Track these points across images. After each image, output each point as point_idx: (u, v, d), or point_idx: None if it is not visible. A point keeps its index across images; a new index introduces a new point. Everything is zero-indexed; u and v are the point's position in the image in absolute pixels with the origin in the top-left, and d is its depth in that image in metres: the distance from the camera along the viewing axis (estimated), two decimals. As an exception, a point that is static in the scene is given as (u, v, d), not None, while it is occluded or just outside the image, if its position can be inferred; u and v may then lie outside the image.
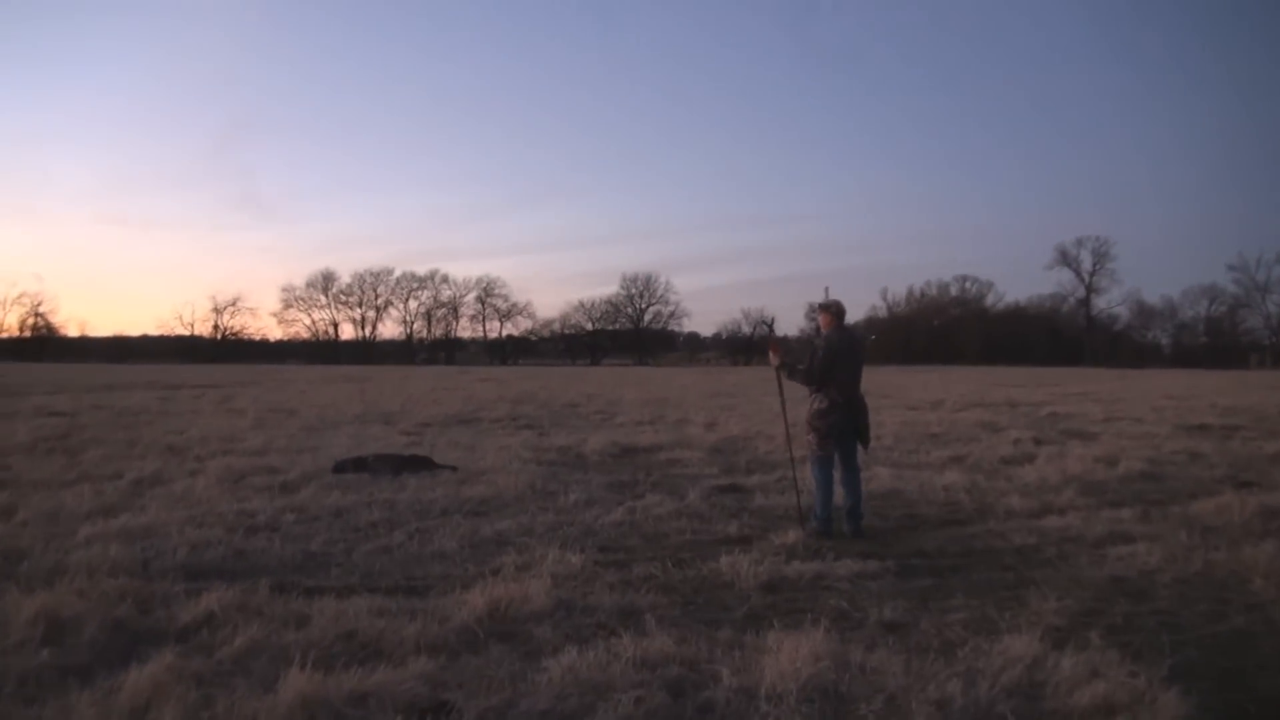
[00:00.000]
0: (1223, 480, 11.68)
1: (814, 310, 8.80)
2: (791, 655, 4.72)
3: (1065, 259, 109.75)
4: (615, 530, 8.44)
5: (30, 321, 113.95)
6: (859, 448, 8.68)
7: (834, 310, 8.69)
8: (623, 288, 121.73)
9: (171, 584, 6.29)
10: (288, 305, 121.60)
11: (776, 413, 22.98)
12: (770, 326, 10.63)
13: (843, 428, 8.48)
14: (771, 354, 8.93)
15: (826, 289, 8.98)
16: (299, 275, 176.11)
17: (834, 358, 8.41)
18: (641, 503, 9.60)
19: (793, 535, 7.97)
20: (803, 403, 8.75)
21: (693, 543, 8.00)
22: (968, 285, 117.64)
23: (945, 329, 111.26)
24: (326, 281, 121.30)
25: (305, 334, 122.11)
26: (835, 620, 5.71)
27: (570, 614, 5.65)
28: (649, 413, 23.07)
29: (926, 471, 12.17)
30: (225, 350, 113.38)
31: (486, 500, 9.72)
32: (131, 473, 11.35)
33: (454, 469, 11.75)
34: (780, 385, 9.09)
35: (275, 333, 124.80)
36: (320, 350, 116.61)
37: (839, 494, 8.59)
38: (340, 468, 11.59)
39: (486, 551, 7.52)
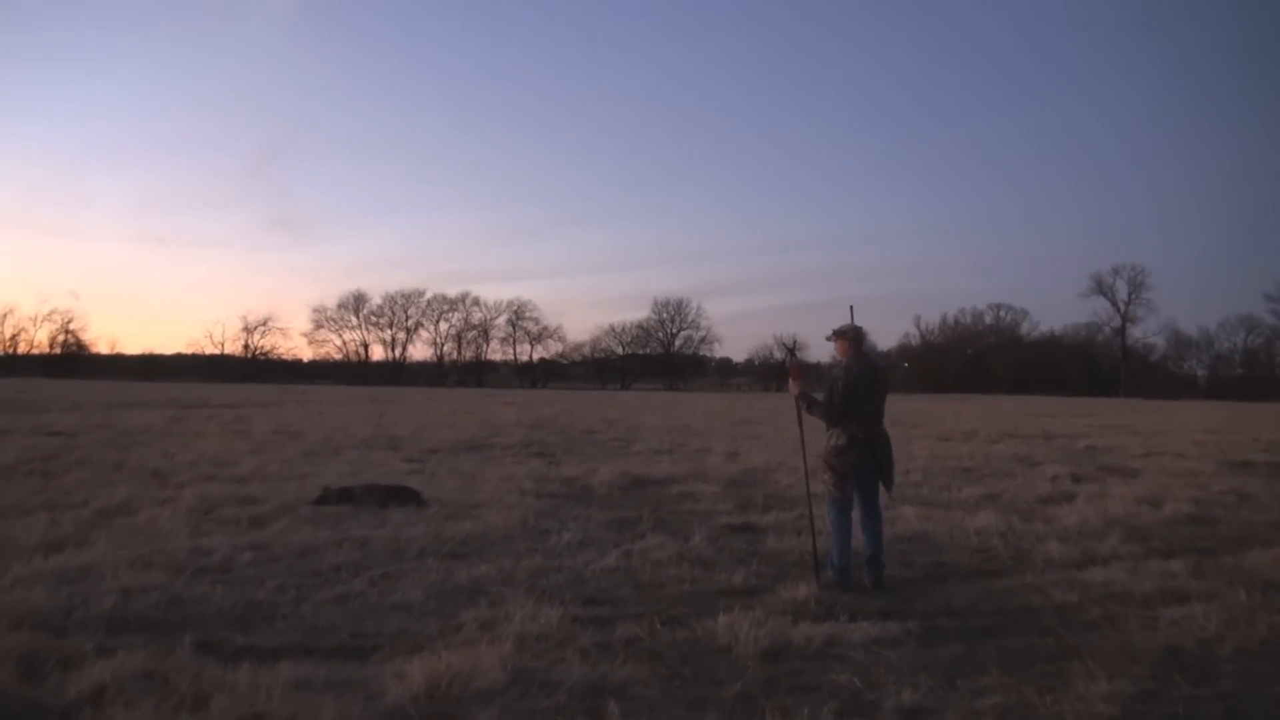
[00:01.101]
0: (1276, 525, 10.72)
1: (831, 337, 7.88)
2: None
3: (1101, 288, 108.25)
4: (606, 578, 7.54)
5: (61, 339, 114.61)
6: (880, 489, 7.78)
7: (851, 336, 7.80)
8: (654, 312, 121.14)
9: (85, 640, 5.48)
10: (319, 326, 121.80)
11: (799, 442, 22.04)
12: (793, 351, 9.96)
13: (863, 466, 7.57)
14: (791, 381, 8.06)
15: (851, 309, 8.09)
16: (332, 296, 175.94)
17: (853, 389, 7.52)
18: (641, 544, 8.71)
19: (804, 589, 7.02)
20: (822, 435, 7.85)
21: (691, 594, 7.10)
22: (1002, 314, 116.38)
23: (979, 357, 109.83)
24: (358, 302, 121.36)
25: (336, 355, 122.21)
26: (845, 704, 4.80)
27: (526, 692, 4.73)
28: (669, 441, 22.18)
29: (957, 512, 11.22)
30: (256, 370, 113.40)
31: (470, 540, 8.86)
32: (100, 500, 10.60)
33: (441, 502, 10.93)
34: (800, 415, 8.17)
35: (306, 353, 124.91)
36: (350, 371, 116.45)
37: (858, 538, 7.68)
38: (324, 499, 10.79)
39: (455, 603, 6.64)
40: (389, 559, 7.98)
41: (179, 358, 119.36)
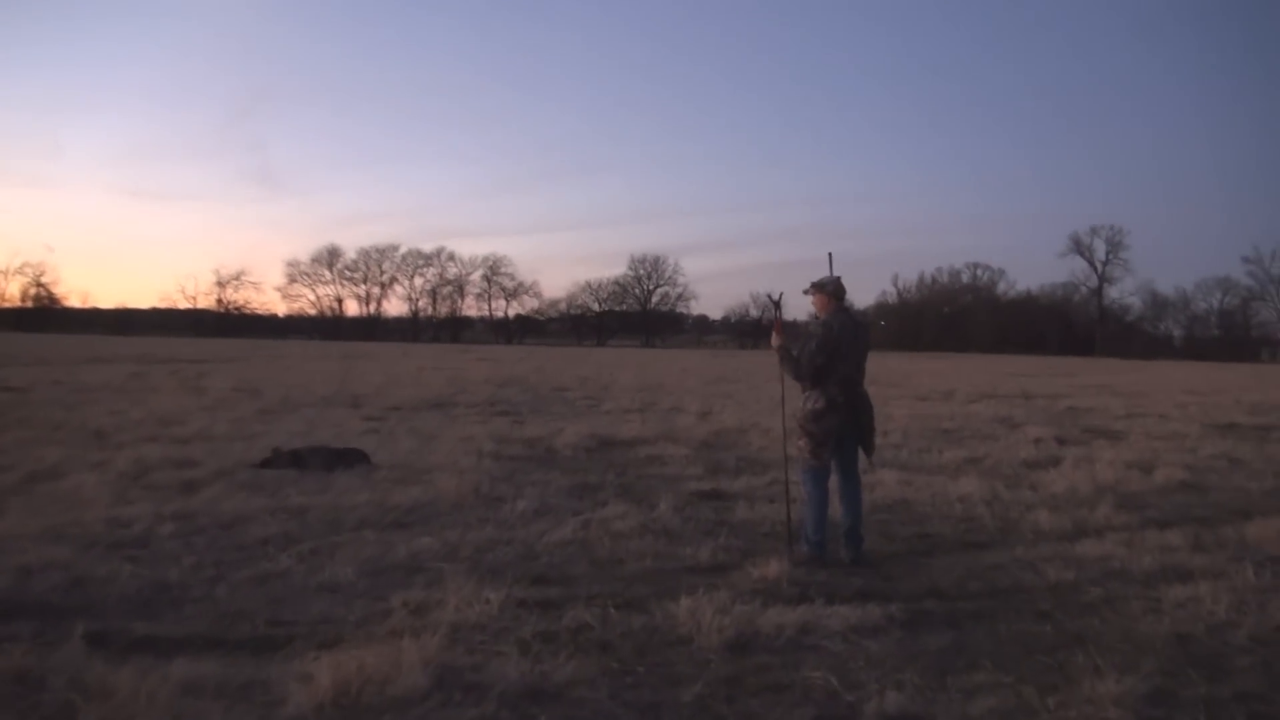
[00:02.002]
0: (1273, 493, 10.25)
1: (809, 290, 7.20)
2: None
3: (1079, 247, 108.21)
4: (560, 552, 6.88)
5: (33, 292, 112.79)
6: (860, 455, 7.16)
7: (831, 289, 7.13)
8: (631, 268, 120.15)
9: (-39, 629, 4.81)
10: (292, 280, 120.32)
11: (777, 401, 21.40)
12: (777, 303, 9.30)
13: (842, 432, 6.95)
14: (774, 334, 7.40)
15: (830, 257, 7.39)
16: (308, 251, 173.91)
17: (833, 347, 6.88)
18: (602, 513, 8.07)
19: (776, 566, 6.34)
20: (799, 396, 7.21)
21: (652, 572, 6.45)
22: (979, 273, 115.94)
23: (955, 317, 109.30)
24: (331, 257, 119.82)
25: (310, 310, 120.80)
26: (820, 709, 4.18)
27: (449, 699, 4.04)
28: (641, 400, 21.60)
29: (939, 477, 10.64)
30: (230, 325, 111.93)
31: (416, 508, 8.19)
32: (29, 464, 9.89)
33: (375, 466, 10.28)
34: (781, 370, 7.47)
35: (280, 308, 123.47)
36: (325, 326, 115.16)
37: (835, 508, 7.07)
38: (269, 462, 10.11)
39: (388, 583, 5.97)
40: (325, 530, 7.31)
41: (155, 312, 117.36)
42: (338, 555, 6.53)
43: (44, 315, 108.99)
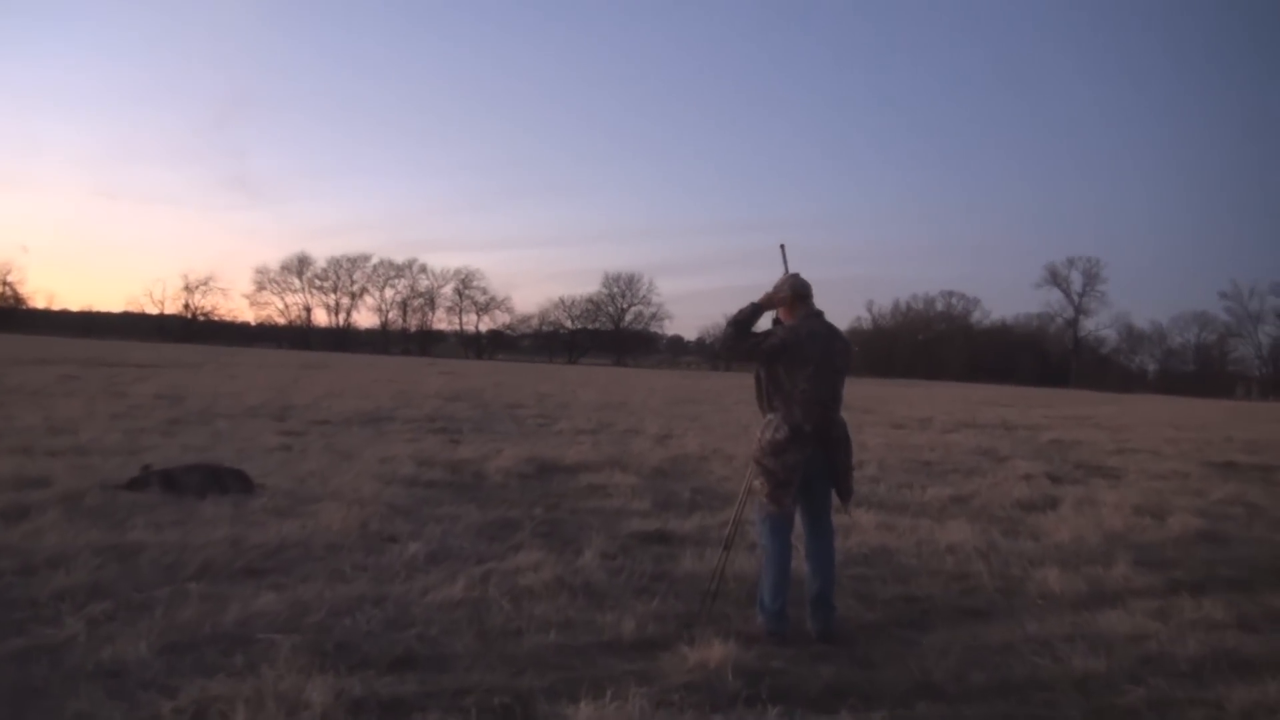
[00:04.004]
0: (1305, 548, 8.75)
1: (763, 302, 5.60)
2: None
3: (1055, 278, 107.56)
4: (441, 618, 5.29)
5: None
6: (834, 502, 5.67)
7: (789, 291, 5.65)
8: (604, 286, 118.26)
9: None
10: (260, 287, 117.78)
11: (744, 425, 20.26)
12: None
13: (810, 470, 5.44)
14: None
15: (782, 249, 5.87)
16: (281, 259, 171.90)
17: (791, 355, 5.43)
18: (512, 561, 6.52)
19: (719, 647, 4.78)
20: (757, 422, 5.72)
21: (555, 650, 4.90)
22: (954, 301, 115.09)
23: (929, 344, 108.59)
24: (301, 265, 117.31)
25: (279, 318, 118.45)
26: None
27: None
28: (598, 419, 20.07)
29: (924, 520, 9.16)
30: (198, 331, 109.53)
31: (282, 549, 6.58)
32: None
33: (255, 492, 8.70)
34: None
35: (249, 315, 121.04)
36: (294, 336, 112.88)
37: (799, 567, 5.57)
38: (135, 482, 8.53)
39: (191, 665, 4.38)
40: (151, 579, 5.71)
41: (126, 316, 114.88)
42: (145, 619, 4.92)
43: (7, 316, 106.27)
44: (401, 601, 5.53)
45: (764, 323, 5.61)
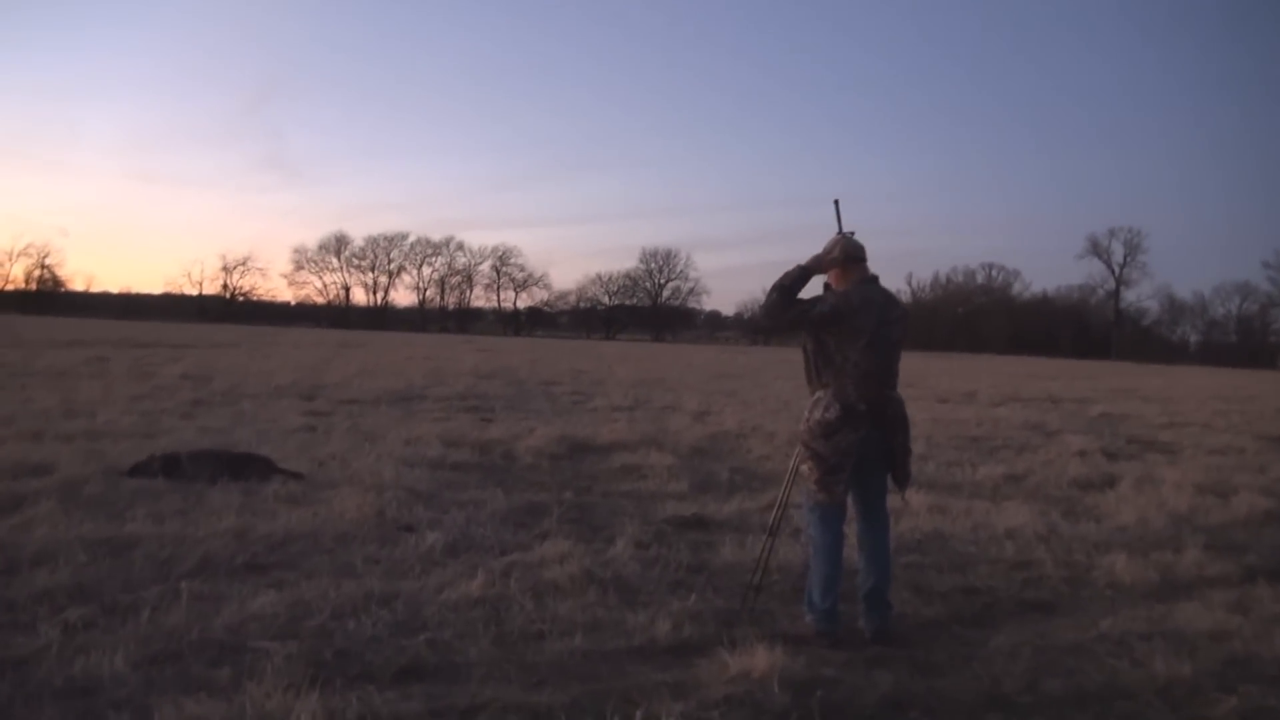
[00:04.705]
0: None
1: (812, 264, 4.98)
2: None
3: (1096, 249, 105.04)
4: (457, 619, 4.78)
5: (37, 275, 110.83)
6: (889, 489, 5.12)
7: (843, 253, 5.02)
8: (642, 262, 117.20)
9: None
10: (299, 267, 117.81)
11: (784, 401, 19.69)
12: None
13: (865, 454, 4.88)
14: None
15: (836, 205, 5.29)
16: (318, 238, 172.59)
17: (841, 323, 4.83)
18: (536, 553, 6.02)
19: (764, 654, 4.23)
20: (805, 399, 5.17)
21: (581, 657, 4.38)
22: (994, 273, 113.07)
23: (970, 317, 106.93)
24: (339, 244, 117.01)
25: (318, 298, 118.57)
26: None
27: None
28: (634, 396, 19.55)
29: (979, 502, 8.60)
30: (237, 312, 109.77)
31: (289, 540, 6.11)
32: None
33: (298, 476, 8.23)
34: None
35: (287, 295, 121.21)
36: (333, 315, 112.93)
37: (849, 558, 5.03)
38: (139, 468, 8.11)
39: (172, 679, 3.88)
40: (144, 577, 5.24)
41: (165, 298, 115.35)
42: (128, 625, 4.46)
43: (47, 299, 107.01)
44: (413, 600, 5.02)
45: (812, 289, 5.04)
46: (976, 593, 5.83)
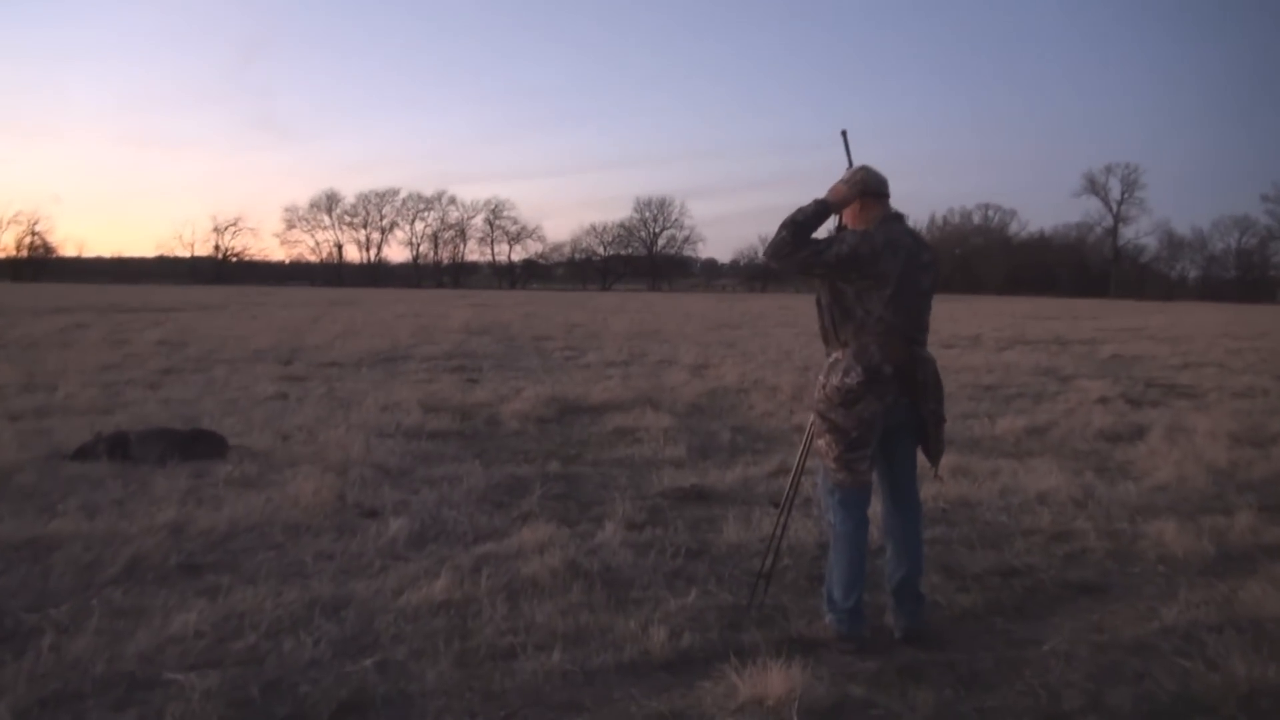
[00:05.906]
0: None
1: (826, 201, 4.18)
2: None
3: (1093, 186, 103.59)
4: (413, 633, 4.05)
5: (27, 241, 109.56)
6: (919, 466, 4.39)
7: (866, 187, 4.21)
8: (636, 211, 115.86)
9: None
10: (290, 226, 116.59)
11: (786, 351, 18.97)
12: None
13: (891, 424, 4.14)
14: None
15: (844, 135, 4.51)
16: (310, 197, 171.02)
17: (862, 268, 4.04)
18: (514, 541, 5.29)
19: (780, 674, 3.51)
20: (821, 359, 4.40)
21: (560, 681, 3.64)
22: (990, 214, 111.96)
23: (967, 258, 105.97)
24: (330, 202, 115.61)
25: (310, 256, 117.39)
26: None
27: None
28: (629, 350, 18.80)
29: (1004, 461, 7.90)
30: (229, 272, 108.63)
31: (234, 534, 5.38)
32: None
33: (254, 455, 7.50)
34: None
35: (279, 254, 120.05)
36: (327, 273, 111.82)
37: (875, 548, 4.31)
38: (83, 450, 7.37)
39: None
40: (59, 589, 4.48)
41: (158, 261, 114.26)
42: (27, 655, 3.70)
43: (38, 265, 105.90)
44: (365, 608, 4.29)
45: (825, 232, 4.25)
46: (1016, 574, 5.10)
